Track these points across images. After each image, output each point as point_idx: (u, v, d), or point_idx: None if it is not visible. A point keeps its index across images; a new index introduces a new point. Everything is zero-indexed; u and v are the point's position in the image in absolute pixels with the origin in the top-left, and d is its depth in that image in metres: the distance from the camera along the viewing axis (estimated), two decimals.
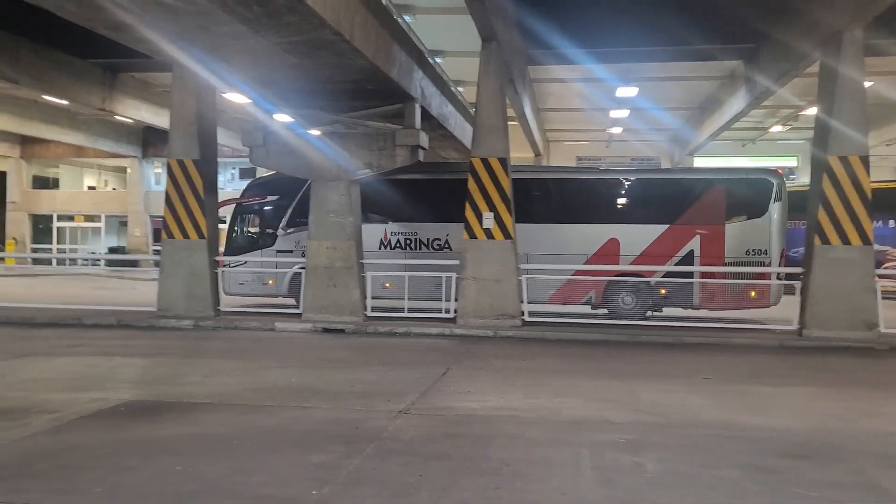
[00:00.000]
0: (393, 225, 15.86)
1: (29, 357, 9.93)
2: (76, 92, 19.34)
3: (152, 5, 8.72)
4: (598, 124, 30.00)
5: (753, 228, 14.46)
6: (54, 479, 4.82)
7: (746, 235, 14.46)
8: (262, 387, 8.12)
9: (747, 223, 14.55)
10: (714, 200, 14.84)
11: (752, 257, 14.35)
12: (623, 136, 31.73)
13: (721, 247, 14.45)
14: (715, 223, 14.60)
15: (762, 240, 14.35)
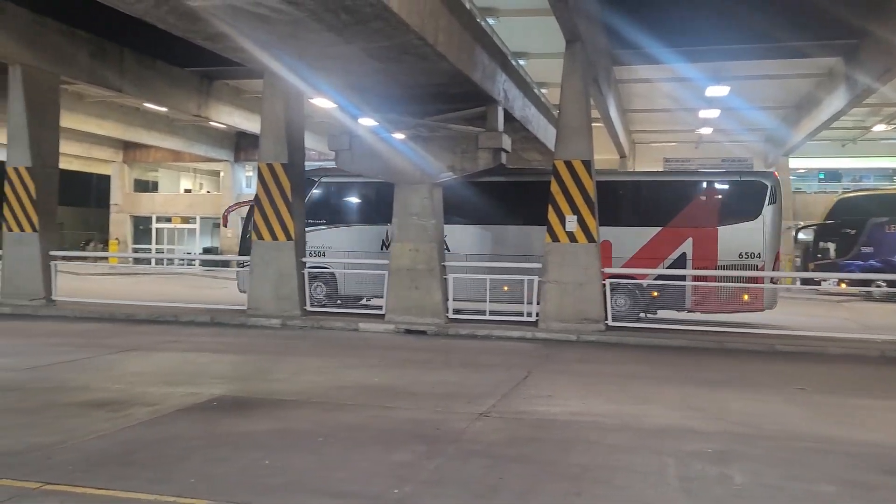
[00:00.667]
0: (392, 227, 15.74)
1: (131, 352, 10.48)
2: (175, 99, 20.28)
3: (247, 16, 9.06)
4: (686, 125, 29.23)
5: (746, 231, 14.34)
6: (153, 469, 5.08)
7: (739, 238, 14.34)
8: (347, 385, 8.30)
9: (740, 226, 14.43)
10: (707, 203, 14.87)
11: (744, 260, 14.25)
12: (713, 136, 30.78)
13: (713, 249, 14.35)
14: (707, 226, 14.52)
15: (755, 243, 14.24)
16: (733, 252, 14.32)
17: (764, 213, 14.35)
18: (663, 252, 14.62)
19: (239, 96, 23.63)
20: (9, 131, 15.35)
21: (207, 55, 17.19)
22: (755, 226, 14.32)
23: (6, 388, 7.65)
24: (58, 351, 10.23)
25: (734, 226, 14.50)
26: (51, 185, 15.65)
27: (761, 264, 14.22)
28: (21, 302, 15.07)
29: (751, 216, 14.41)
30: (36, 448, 5.46)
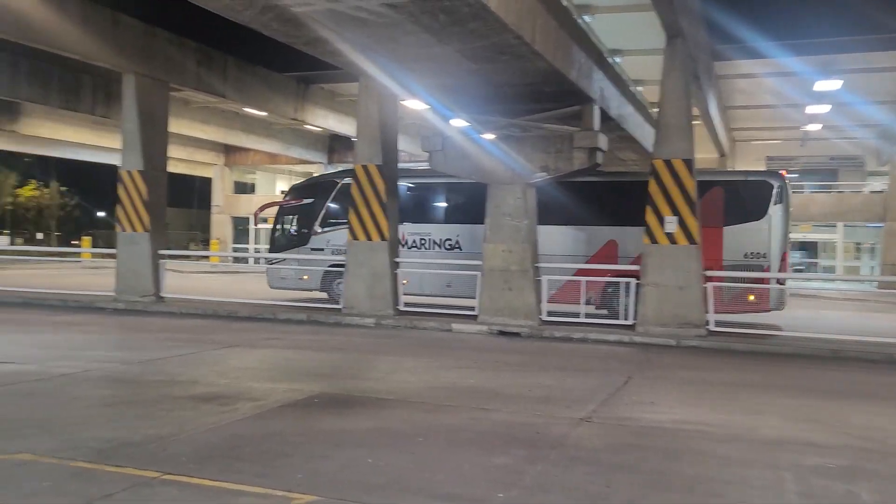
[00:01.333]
0: (409, 226, 16.41)
1: (234, 348, 10.84)
2: (273, 103, 20.93)
3: (347, 19, 9.21)
4: (791, 122, 27.94)
5: (752, 231, 14.29)
6: (259, 463, 5.19)
7: (745, 238, 14.30)
8: (442, 386, 8.29)
9: (746, 226, 14.39)
10: (712, 202, 14.52)
11: (750, 260, 14.19)
12: (822, 133, 29.29)
13: (718, 249, 14.23)
14: (713, 225, 14.28)
15: (761, 243, 14.17)
16: (739, 252, 14.26)
17: (770, 213, 14.23)
18: None
19: (333, 100, 24.16)
20: (123, 136, 16.20)
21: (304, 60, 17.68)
22: (761, 226, 14.24)
23: (123, 381, 8.04)
24: (167, 346, 10.69)
25: (739, 226, 14.43)
26: (160, 188, 16.41)
27: (767, 265, 14.08)
28: (133, 298, 15.87)
29: (757, 216, 14.32)
30: (152, 439, 5.68)
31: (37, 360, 9.06)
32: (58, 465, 5.01)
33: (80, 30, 14.41)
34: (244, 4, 9.03)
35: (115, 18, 15.13)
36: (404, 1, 8.65)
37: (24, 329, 12.23)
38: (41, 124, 26.71)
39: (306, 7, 8.86)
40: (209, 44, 17.49)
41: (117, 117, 19.50)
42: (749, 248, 14.30)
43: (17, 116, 25.59)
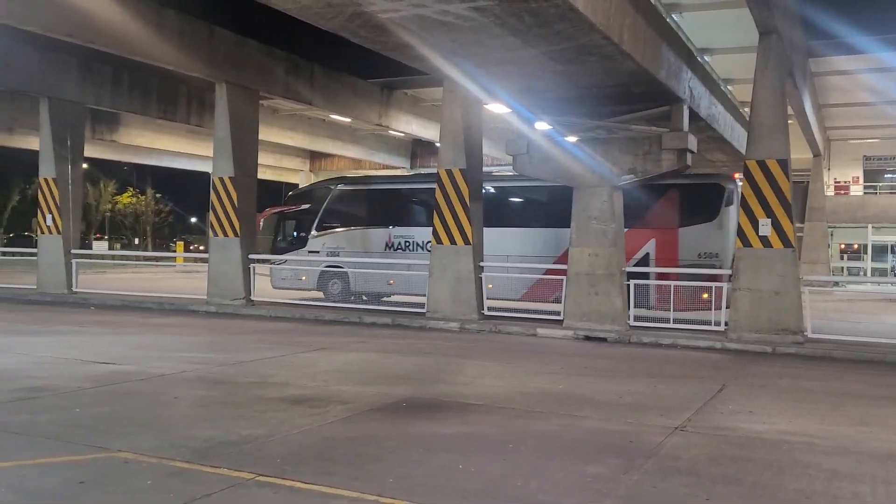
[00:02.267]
0: (396, 229, 17.53)
1: (323, 351, 11.02)
2: (359, 110, 21.25)
3: (433, 24, 9.22)
4: (889, 120, 26.46)
5: (706, 232, 14.67)
6: (352, 466, 5.22)
7: (699, 239, 14.67)
8: (531, 391, 8.18)
9: (699, 227, 14.79)
10: (668, 205, 15.01)
11: (704, 260, 14.50)
12: None
13: (674, 250, 14.69)
14: (669, 227, 14.81)
15: (715, 243, 14.51)
16: (693, 252, 14.65)
17: (722, 214, 14.60)
18: (629, 252, 14.58)
19: (417, 105, 24.33)
20: (215, 144, 16.77)
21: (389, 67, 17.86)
22: (714, 227, 14.64)
23: (218, 382, 8.27)
24: (258, 348, 10.97)
25: (692, 227, 14.85)
26: (250, 193, 16.90)
27: (719, 264, 14.32)
28: (224, 301, 16.39)
29: (710, 217, 14.71)
30: (247, 440, 5.81)
31: (136, 361, 9.45)
32: (158, 464, 5.17)
33: (177, 42, 15.00)
34: (333, 12, 9.15)
35: (210, 31, 15.69)
36: (490, 3, 8.60)
37: (123, 331, 12.79)
38: (139, 134, 27.96)
39: (393, 13, 8.92)
40: (297, 52, 17.91)
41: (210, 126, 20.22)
42: (703, 249, 14.68)
43: (117, 126, 26.87)
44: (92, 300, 17.49)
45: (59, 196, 18.46)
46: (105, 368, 8.86)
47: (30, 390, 7.48)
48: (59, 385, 7.76)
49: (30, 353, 9.78)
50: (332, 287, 17.77)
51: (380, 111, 22.12)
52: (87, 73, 18.72)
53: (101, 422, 6.32)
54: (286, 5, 9.17)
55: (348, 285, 17.68)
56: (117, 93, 19.71)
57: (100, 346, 10.83)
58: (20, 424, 6.13)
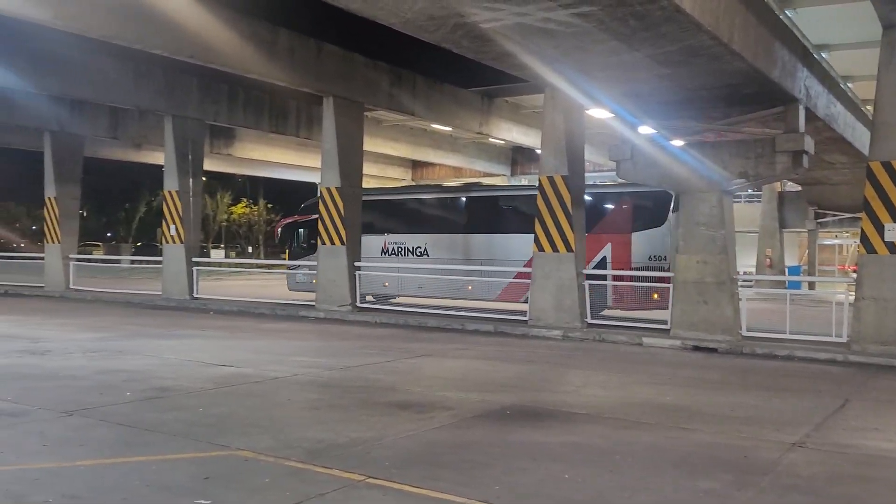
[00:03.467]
0: (390, 236, 19.24)
1: (426, 357, 11.20)
2: (460, 118, 21.49)
3: (534, 32, 9.25)
4: None
5: (654, 237, 15.72)
6: (458, 472, 5.29)
7: (649, 243, 15.76)
8: (637, 402, 8.02)
9: (649, 232, 15.85)
10: (622, 212, 16.29)
11: (653, 263, 15.62)
12: None
13: (628, 253, 15.84)
14: (623, 232, 15.98)
15: (662, 247, 15.48)
16: (644, 255, 15.80)
17: (669, 220, 15.49)
18: (589, 256, 15.61)
19: (517, 112, 24.35)
20: (323, 156, 17.37)
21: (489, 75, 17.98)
22: (662, 231, 15.61)
23: (327, 385, 8.56)
24: (364, 353, 11.27)
25: (644, 232, 15.95)
26: (355, 203, 17.40)
27: (667, 266, 15.28)
28: (332, 307, 16.91)
29: (658, 223, 15.79)
30: (356, 442, 5.99)
31: (252, 364, 9.91)
32: (274, 462, 5.41)
33: (288, 60, 15.67)
34: (436, 24, 9.34)
35: (318, 47, 16.30)
36: (593, 9, 8.54)
37: (239, 335, 13.42)
38: (253, 147, 29.33)
39: (495, 22, 9.01)
40: (400, 64, 18.33)
41: (318, 138, 20.97)
42: (652, 252, 15.82)
43: (233, 141, 28.29)
44: (211, 306, 18.45)
45: (181, 207, 19.61)
46: (224, 371, 9.34)
47: (158, 390, 7.99)
48: (184, 386, 8.25)
49: (157, 356, 10.44)
50: None
51: (480, 119, 22.28)
52: (206, 91, 19.85)
53: (222, 421, 6.68)
54: (391, 20, 9.43)
55: None
56: (233, 109, 20.79)
57: (219, 349, 11.43)
58: (151, 422, 6.56)
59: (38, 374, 8.89)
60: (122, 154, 30.61)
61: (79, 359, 10.09)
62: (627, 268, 15.74)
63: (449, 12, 8.88)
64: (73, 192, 23.25)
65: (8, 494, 4.59)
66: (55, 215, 22.70)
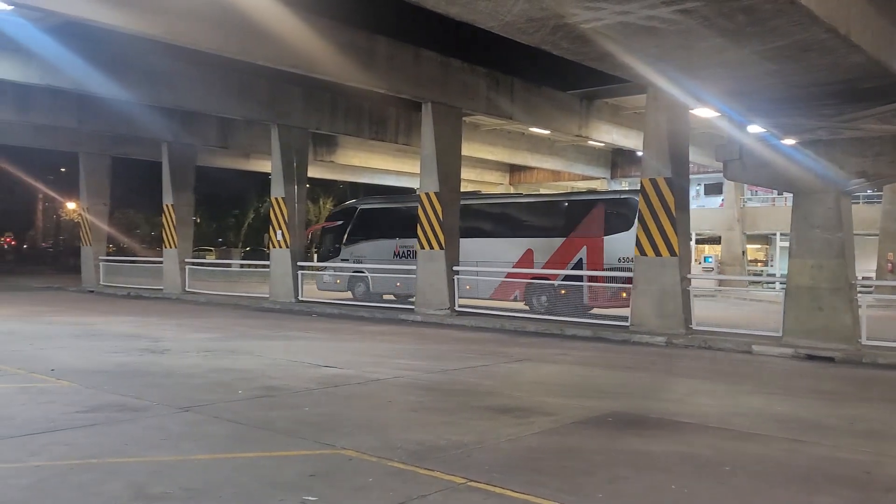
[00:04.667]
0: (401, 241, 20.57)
1: (524, 362, 11.14)
2: (558, 122, 21.28)
3: (637, 31, 9.05)
4: None
5: (623, 240, 16.52)
6: (560, 478, 5.23)
7: (619, 246, 16.77)
8: (747, 412, 7.70)
9: (619, 235, 16.91)
10: (596, 217, 17.47)
11: (622, 264, 16.51)
12: None
13: (601, 255, 16.99)
14: (597, 236, 17.19)
15: (629, 249, 15.52)
16: (615, 257, 16.88)
17: (635, 225, 15.38)
18: (568, 257, 17.56)
19: (617, 114, 23.88)
20: (421, 161, 17.60)
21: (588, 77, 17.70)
22: (630, 235, 15.83)
23: (427, 388, 8.65)
24: (463, 357, 11.32)
25: (614, 235, 17.09)
26: (454, 208, 17.53)
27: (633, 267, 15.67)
28: (430, 311, 17.09)
29: (626, 227, 16.63)
30: (457, 445, 6.02)
31: (354, 365, 10.14)
32: (378, 462, 5.51)
33: (386, 67, 15.97)
34: (535, 26, 9.27)
35: (416, 53, 16.53)
36: (698, 4, 8.26)
37: (341, 337, 13.76)
38: (354, 154, 30.09)
39: (596, 22, 8.87)
40: (497, 68, 18.33)
41: (416, 144, 21.28)
42: (621, 254, 16.70)
43: (335, 148, 29.10)
44: (314, 308, 19.02)
45: (287, 213, 20.33)
46: (328, 371, 9.60)
47: (266, 389, 8.30)
48: (291, 385, 8.54)
49: (265, 356, 10.85)
50: (357, 289, 21.22)
51: (579, 122, 21.98)
52: (309, 100, 20.51)
53: (327, 420, 6.86)
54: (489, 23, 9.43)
55: (369, 287, 20.95)
56: (335, 117, 21.40)
57: (322, 350, 11.77)
58: (260, 419, 6.82)
59: (158, 371, 9.41)
60: (231, 162, 32.11)
61: (194, 357, 10.62)
62: (600, 269, 16.93)
63: (548, 14, 8.81)
64: (187, 200, 24.59)
65: (132, 485, 4.87)
66: (172, 221, 24.05)
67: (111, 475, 5.08)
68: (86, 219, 27.70)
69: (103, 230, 27.95)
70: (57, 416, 6.77)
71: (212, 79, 18.39)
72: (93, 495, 4.69)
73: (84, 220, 27.96)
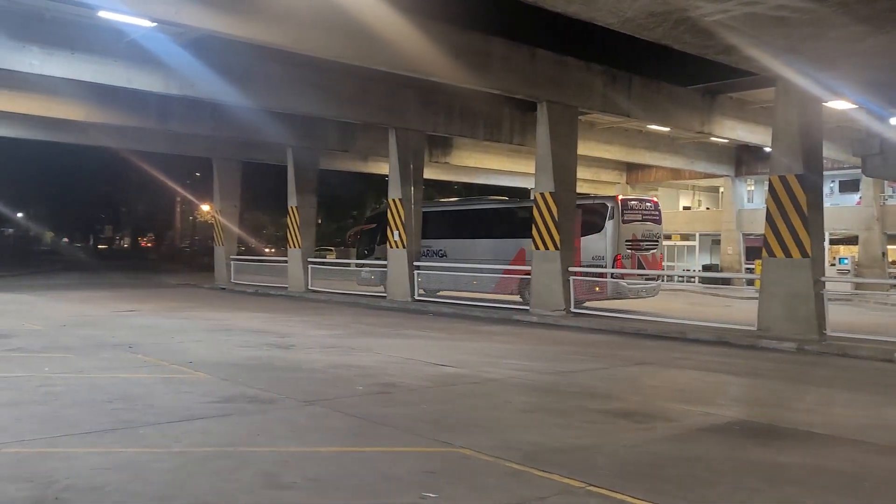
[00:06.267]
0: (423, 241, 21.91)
1: (643, 366, 10.86)
2: (678, 118, 20.61)
3: (765, 21, 8.66)
4: None
5: (596, 241, 18.67)
6: (683, 487, 5.06)
7: (592, 246, 18.68)
8: (889, 425, 7.19)
9: (592, 237, 18.72)
10: (575, 221, 18.06)
11: (595, 261, 18.53)
12: None
13: (579, 254, 18.34)
14: (575, 237, 17.97)
15: (601, 249, 18.44)
16: (589, 255, 18.68)
17: (606, 227, 18.47)
18: None
19: (742, 109, 22.84)
20: (536, 161, 17.51)
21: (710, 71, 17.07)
22: (601, 237, 18.59)
23: (543, 390, 8.61)
24: (578, 359, 11.17)
25: (588, 237, 18.79)
26: (570, 208, 17.33)
27: (604, 264, 18.35)
28: (545, 312, 16.97)
29: (599, 229, 18.70)
30: (574, 448, 5.95)
31: (469, 365, 10.22)
32: (494, 462, 5.53)
33: (502, 68, 16.01)
34: (656, 21, 9.06)
35: (531, 53, 16.47)
36: None
37: (456, 337, 13.90)
38: (468, 155, 30.32)
39: (721, 14, 8.55)
40: (614, 65, 18.00)
41: (530, 144, 21.19)
42: (594, 253, 18.71)
43: (450, 150, 29.43)
44: (430, 308, 19.32)
45: (404, 214, 20.75)
46: (443, 370, 9.73)
47: (385, 385, 8.52)
48: (408, 383, 8.72)
49: (384, 353, 11.13)
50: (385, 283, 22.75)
51: (701, 118, 21.19)
52: (425, 103, 20.85)
53: (444, 418, 6.96)
54: (609, 20, 9.29)
55: None
56: (450, 120, 21.65)
57: (438, 349, 11.93)
58: (379, 415, 7.01)
59: (284, 365, 9.86)
60: (351, 165, 33.15)
61: (317, 353, 11.04)
62: (578, 265, 18.10)
63: (671, 8, 8.58)
64: (310, 202, 25.61)
65: (263, 473, 5.14)
66: (296, 223, 25.13)
67: (244, 463, 5.37)
68: (218, 220, 29.38)
69: (234, 231, 29.54)
70: (195, 406, 7.23)
71: (333, 85, 19.04)
72: (228, 481, 4.97)
73: (217, 222, 29.67)
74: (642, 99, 19.08)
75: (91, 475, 5.03)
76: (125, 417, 6.68)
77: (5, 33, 14.20)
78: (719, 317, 16.20)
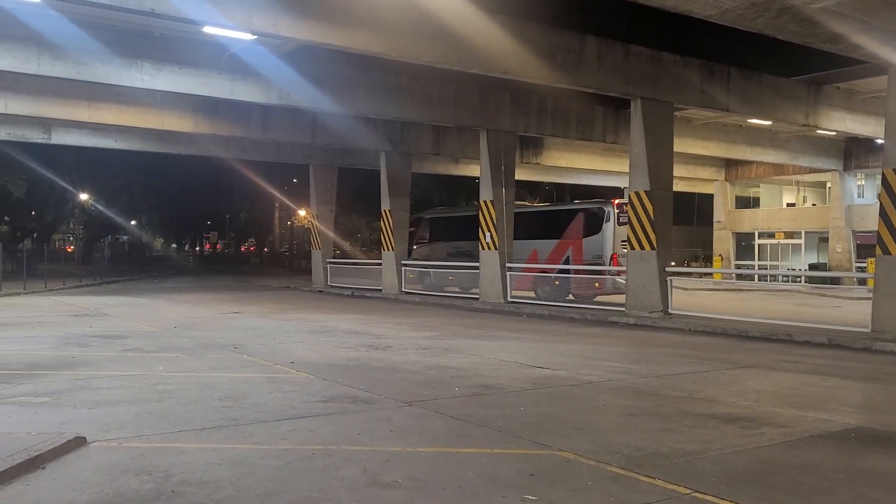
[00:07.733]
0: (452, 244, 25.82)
1: (748, 368, 10.46)
2: (781, 111, 19.74)
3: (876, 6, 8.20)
4: None
5: (595, 241, 21.13)
6: (795, 495, 4.86)
7: (592, 246, 21.17)
8: None
9: (592, 238, 21.22)
10: (577, 223, 21.66)
11: (595, 260, 20.90)
12: None
13: (581, 254, 21.23)
14: (578, 238, 21.41)
15: (600, 249, 20.89)
16: (590, 255, 20.90)
17: (604, 229, 20.71)
18: (560, 255, 21.55)
19: (851, 99, 21.64)
20: (631, 160, 17.16)
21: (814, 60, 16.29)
22: (599, 238, 20.83)
23: (643, 393, 8.42)
24: (679, 362, 10.87)
25: (588, 238, 21.09)
26: (665, 207, 16.89)
27: (602, 263, 20.53)
28: (642, 314, 16.60)
29: (597, 231, 20.90)
30: (678, 454, 5.80)
31: (565, 367, 10.12)
32: (595, 466, 5.46)
33: (595, 66, 15.80)
34: (757, 12, 8.73)
35: (625, 50, 16.18)
36: None
37: (551, 339, 13.78)
38: (560, 155, 30.02)
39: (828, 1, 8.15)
40: (711, 58, 17.41)
41: (624, 143, 20.79)
42: (594, 253, 20.70)
43: (540, 150, 29.23)
44: (524, 309, 19.26)
45: (495, 216, 20.77)
46: (540, 372, 9.68)
47: (482, 387, 8.55)
48: (504, 384, 8.72)
49: (478, 355, 11.18)
50: (423, 281, 25.25)
51: (806, 110, 20.21)
52: (517, 104, 20.81)
53: (542, 421, 6.92)
54: (707, 12, 9.03)
55: (431, 280, 25.05)
56: (542, 120, 21.53)
57: (533, 351, 11.88)
58: (478, 417, 7.04)
59: (382, 366, 10.05)
60: (442, 168, 33.43)
61: (412, 354, 11.20)
62: (580, 264, 20.61)
63: None
64: (403, 205, 26.01)
65: (365, 472, 5.26)
66: (390, 226, 25.58)
67: (347, 461, 5.51)
68: (315, 225, 30.27)
69: (330, 235, 30.35)
70: (298, 405, 7.47)
71: (426, 89, 19.28)
72: (333, 479, 5.12)
73: (313, 226, 30.56)
74: (742, 92, 18.40)
75: (204, 470, 5.28)
76: (234, 415, 6.98)
77: (118, 52, 15.12)
78: (829, 318, 15.41)
